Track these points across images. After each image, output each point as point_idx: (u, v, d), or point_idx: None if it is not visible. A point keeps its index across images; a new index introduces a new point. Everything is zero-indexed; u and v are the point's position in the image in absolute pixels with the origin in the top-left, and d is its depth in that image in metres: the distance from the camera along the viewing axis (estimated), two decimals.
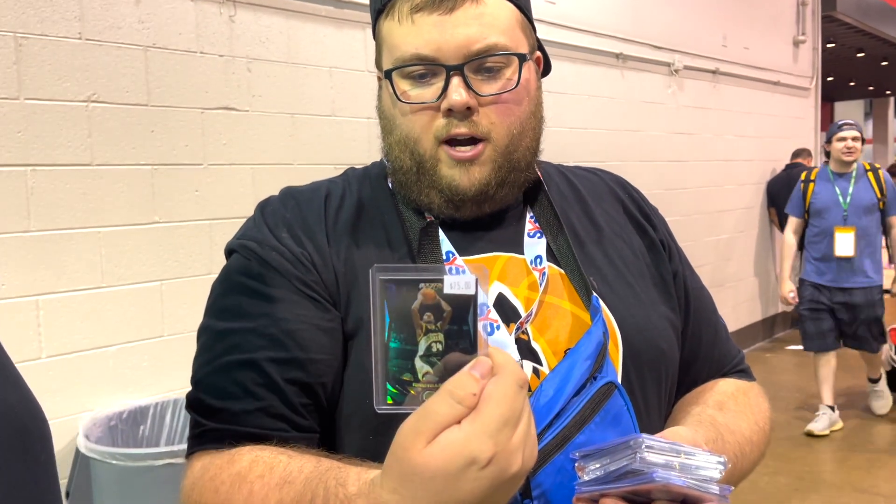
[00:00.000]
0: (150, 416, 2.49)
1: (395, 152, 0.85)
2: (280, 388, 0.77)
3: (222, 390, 0.78)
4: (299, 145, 2.99)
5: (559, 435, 0.73)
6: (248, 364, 0.78)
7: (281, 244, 0.83)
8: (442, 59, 0.80)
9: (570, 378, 0.76)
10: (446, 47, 0.79)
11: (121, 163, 2.48)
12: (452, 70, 0.80)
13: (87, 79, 2.39)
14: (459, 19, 0.79)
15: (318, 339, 0.80)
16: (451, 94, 0.79)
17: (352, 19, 3.16)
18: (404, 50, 0.81)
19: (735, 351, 1.02)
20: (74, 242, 2.38)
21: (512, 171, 0.84)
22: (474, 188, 0.83)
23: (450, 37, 0.79)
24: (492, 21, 0.81)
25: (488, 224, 0.88)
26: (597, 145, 4.59)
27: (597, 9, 4.58)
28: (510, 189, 0.86)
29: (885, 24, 9.13)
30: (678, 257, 0.98)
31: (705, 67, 5.59)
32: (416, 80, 0.82)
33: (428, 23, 0.79)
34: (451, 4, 0.79)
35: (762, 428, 0.91)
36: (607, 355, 0.80)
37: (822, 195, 4.31)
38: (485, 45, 0.80)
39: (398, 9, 0.82)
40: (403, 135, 0.84)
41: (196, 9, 2.67)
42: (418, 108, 0.82)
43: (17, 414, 0.51)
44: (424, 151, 0.83)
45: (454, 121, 0.81)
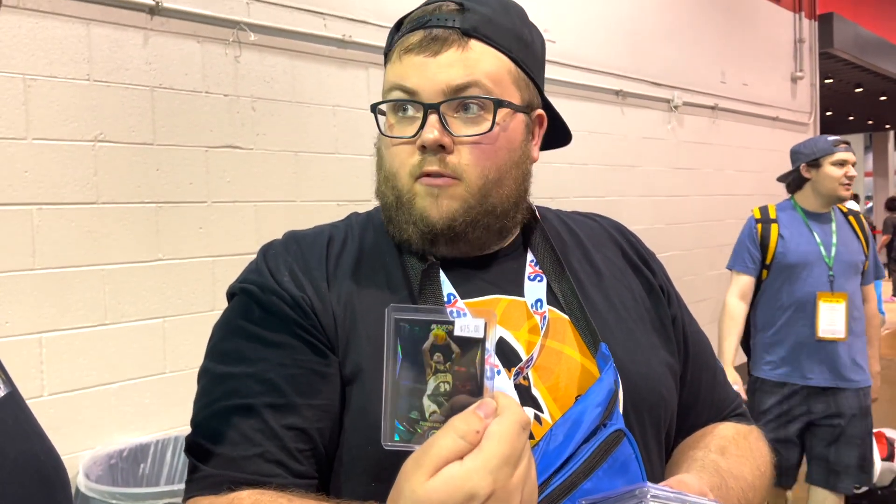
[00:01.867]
0: (150, 455, 2.48)
1: (382, 187, 0.88)
2: (277, 434, 0.78)
3: (220, 435, 0.79)
4: (302, 183, 3.02)
5: (567, 481, 0.73)
6: (246, 409, 0.79)
7: (281, 288, 0.84)
8: (421, 96, 0.83)
9: (581, 424, 0.76)
10: (427, 85, 0.82)
11: (126, 201, 2.50)
12: (430, 107, 0.82)
13: (94, 119, 2.43)
14: (443, 61, 0.83)
15: (316, 385, 0.80)
16: (426, 131, 0.82)
17: (355, 59, 3.21)
18: (389, 84, 0.86)
19: (733, 395, 1.02)
20: (78, 280, 2.39)
21: (486, 214, 0.85)
22: (442, 221, 0.83)
23: (432, 75, 0.82)
24: (475, 64, 0.83)
25: (489, 266, 0.89)
26: (597, 181, 4.62)
27: (597, 47, 4.64)
28: (485, 232, 0.86)
29: (882, 59, 9.24)
30: (676, 302, 0.99)
31: (705, 104, 5.64)
32: (401, 117, 0.85)
33: (414, 62, 0.83)
34: (438, 48, 0.83)
35: (763, 472, 0.91)
36: (618, 403, 0.80)
37: (794, 243, 2.80)
38: (463, 82, 0.82)
39: (395, 52, 0.87)
40: (387, 169, 0.87)
41: (202, 50, 2.72)
42: (398, 143, 0.85)
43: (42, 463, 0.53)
44: (402, 186, 0.85)
45: (428, 157, 0.83)
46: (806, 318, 2.75)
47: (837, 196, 2.81)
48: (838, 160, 2.79)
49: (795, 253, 2.79)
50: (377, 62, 3.26)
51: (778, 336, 2.82)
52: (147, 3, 2.54)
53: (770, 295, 2.85)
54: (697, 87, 5.55)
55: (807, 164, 2.84)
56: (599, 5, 4.72)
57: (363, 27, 3.22)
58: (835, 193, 2.80)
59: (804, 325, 2.75)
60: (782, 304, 2.80)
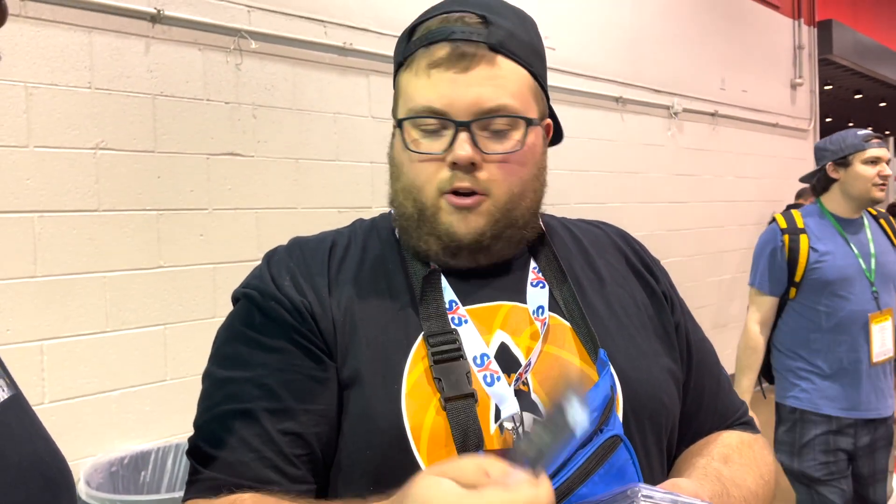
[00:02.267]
0: (151, 462, 2.47)
1: (400, 198, 0.88)
2: (274, 439, 0.79)
3: (219, 439, 0.80)
4: (303, 190, 3.02)
5: (563, 486, 0.73)
6: (244, 414, 0.80)
7: (281, 293, 0.85)
8: (452, 115, 0.83)
9: None
10: (458, 103, 0.82)
11: (127, 208, 2.51)
12: (461, 126, 0.82)
13: (95, 126, 2.44)
14: (473, 79, 0.82)
15: (313, 390, 0.81)
16: (457, 148, 0.82)
17: (355, 66, 3.22)
18: (417, 101, 0.84)
19: (738, 403, 1.01)
20: (80, 287, 2.39)
21: (509, 226, 0.86)
22: (470, 236, 0.84)
23: (462, 94, 0.82)
24: (504, 83, 0.83)
25: (492, 273, 0.89)
26: (597, 187, 4.63)
27: (597, 54, 4.66)
28: (506, 244, 0.88)
29: (882, 66, 9.26)
30: (680, 309, 0.98)
31: (704, 110, 5.65)
32: (427, 132, 0.85)
33: (443, 78, 0.83)
34: (467, 64, 0.82)
35: (767, 482, 0.90)
36: (614, 408, 0.80)
37: (830, 257, 2.41)
38: (495, 105, 0.83)
39: (417, 62, 0.85)
40: (409, 182, 0.86)
41: (203, 57, 2.73)
42: (426, 159, 0.85)
43: (47, 465, 0.54)
44: (426, 200, 0.85)
45: (458, 174, 0.83)
46: (850, 342, 2.39)
47: (871, 198, 2.44)
48: (870, 157, 2.43)
49: (833, 268, 2.39)
50: (378, 70, 3.26)
51: (815, 362, 2.44)
52: (148, 11, 2.55)
53: (803, 316, 2.46)
54: (697, 93, 5.57)
55: (834, 162, 2.47)
56: (599, 13, 4.74)
57: (364, 35, 3.23)
58: (867, 195, 2.43)
59: (848, 348, 2.39)
60: (820, 327, 2.42)
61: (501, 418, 0.79)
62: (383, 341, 0.83)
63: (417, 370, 0.81)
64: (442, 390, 0.78)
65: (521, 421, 0.80)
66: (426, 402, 0.79)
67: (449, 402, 0.78)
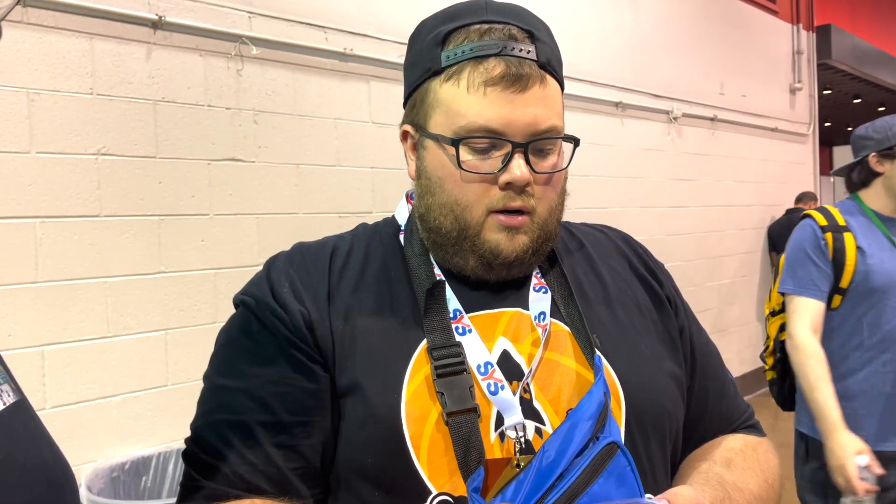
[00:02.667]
0: (152, 467, 2.47)
1: (435, 213, 0.86)
2: (267, 452, 0.80)
3: (213, 448, 0.81)
4: (304, 195, 3.03)
5: (562, 497, 0.73)
6: (239, 426, 0.81)
7: (278, 302, 0.85)
8: (510, 135, 0.82)
9: (573, 438, 0.76)
10: (515, 124, 0.82)
11: (128, 214, 2.51)
12: (517, 147, 0.82)
13: (97, 132, 2.44)
14: (529, 99, 0.82)
15: (305, 403, 0.81)
16: (514, 169, 0.82)
17: (356, 72, 3.23)
18: (472, 120, 0.82)
19: (744, 406, 1.01)
20: (81, 293, 2.39)
21: (546, 241, 0.87)
22: (515, 254, 0.85)
23: (520, 115, 0.81)
24: (552, 103, 0.84)
25: (497, 282, 0.89)
26: (598, 192, 4.63)
27: (596, 59, 4.67)
28: (540, 257, 0.89)
29: (880, 70, 9.28)
30: (684, 313, 0.98)
31: (704, 115, 5.67)
32: (478, 151, 0.83)
33: (501, 98, 0.81)
34: (525, 84, 0.81)
35: (771, 485, 0.90)
36: (610, 415, 0.80)
37: (877, 259, 2.08)
38: (548, 126, 0.83)
39: (468, 78, 0.82)
40: (452, 199, 0.85)
41: (204, 63, 2.73)
42: (475, 179, 0.83)
43: (51, 468, 0.55)
44: (472, 218, 0.84)
45: (511, 194, 0.83)
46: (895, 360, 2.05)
47: None
48: None
49: (880, 273, 2.05)
50: (378, 75, 3.27)
51: (853, 384, 2.09)
52: (150, 17, 2.56)
53: (841, 330, 2.11)
54: (696, 98, 5.58)
55: (878, 153, 2.12)
56: (599, 18, 4.75)
57: (364, 40, 3.24)
58: None
59: (893, 368, 2.05)
60: (862, 343, 2.08)
61: (504, 426, 0.79)
62: (384, 349, 0.83)
63: (418, 378, 0.81)
64: (445, 405, 0.78)
65: (523, 430, 0.80)
66: (426, 410, 0.79)
67: (451, 417, 0.78)
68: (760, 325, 6.48)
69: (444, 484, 0.77)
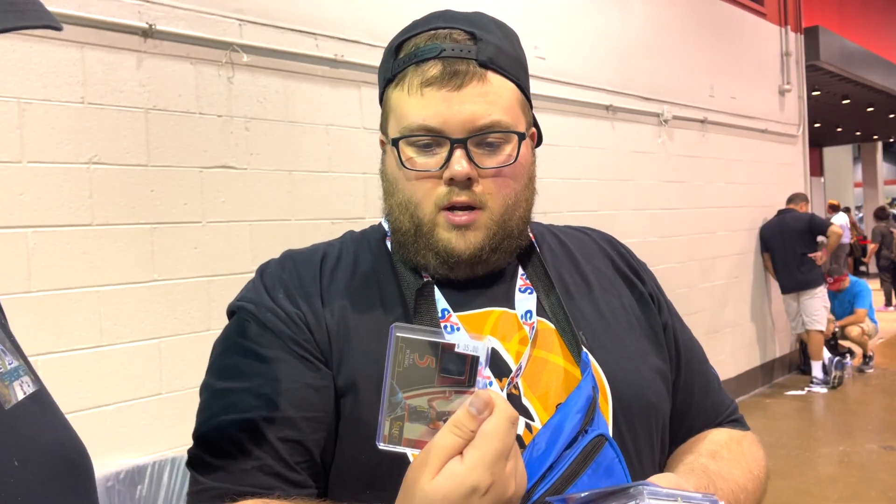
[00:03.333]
0: (147, 477, 2.47)
1: (396, 213, 0.89)
2: (274, 446, 0.81)
3: (220, 449, 0.82)
4: (296, 201, 3.04)
5: (551, 488, 0.75)
6: (244, 423, 0.82)
7: (276, 305, 0.87)
8: (447, 132, 0.84)
9: (562, 431, 0.78)
10: (452, 121, 0.84)
11: (121, 222, 2.51)
12: (456, 143, 0.84)
13: (88, 141, 2.44)
14: (466, 96, 0.84)
15: (310, 398, 0.83)
16: (454, 164, 0.84)
17: (347, 78, 3.24)
18: (412, 120, 0.85)
19: (728, 401, 1.04)
20: (74, 302, 2.39)
21: (505, 237, 0.88)
22: (469, 251, 0.86)
23: (456, 111, 0.84)
24: (495, 99, 0.85)
25: (482, 282, 0.91)
26: (589, 195, 4.65)
27: (586, 63, 4.69)
28: (502, 254, 0.90)
29: (868, 71, 9.35)
30: (667, 310, 1.01)
31: (694, 117, 5.70)
32: (421, 149, 0.86)
33: (437, 97, 0.84)
34: (460, 82, 0.84)
35: (757, 476, 0.92)
36: (598, 408, 0.82)
37: None
38: (488, 121, 0.84)
39: (409, 81, 0.86)
40: (405, 198, 0.88)
41: (195, 71, 2.74)
42: (422, 176, 0.86)
43: (68, 450, 0.60)
44: (424, 215, 0.87)
45: (455, 189, 0.85)
46: None
47: None
48: None
49: None
50: (369, 81, 3.28)
51: None
52: (140, 26, 2.56)
53: None
54: (686, 101, 5.61)
55: None
56: (588, 22, 4.78)
57: (355, 47, 3.25)
58: None
59: None
60: None
61: None
62: (376, 349, 0.84)
63: None
64: None
65: None
66: None
67: None
68: (754, 326, 6.51)
69: None
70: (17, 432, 0.56)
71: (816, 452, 4.53)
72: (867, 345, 7.12)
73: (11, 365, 0.60)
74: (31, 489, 0.55)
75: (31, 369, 0.63)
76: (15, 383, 0.59)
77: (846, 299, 7.18)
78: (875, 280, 11.94)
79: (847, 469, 4.40)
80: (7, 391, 0.58)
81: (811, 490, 4.13)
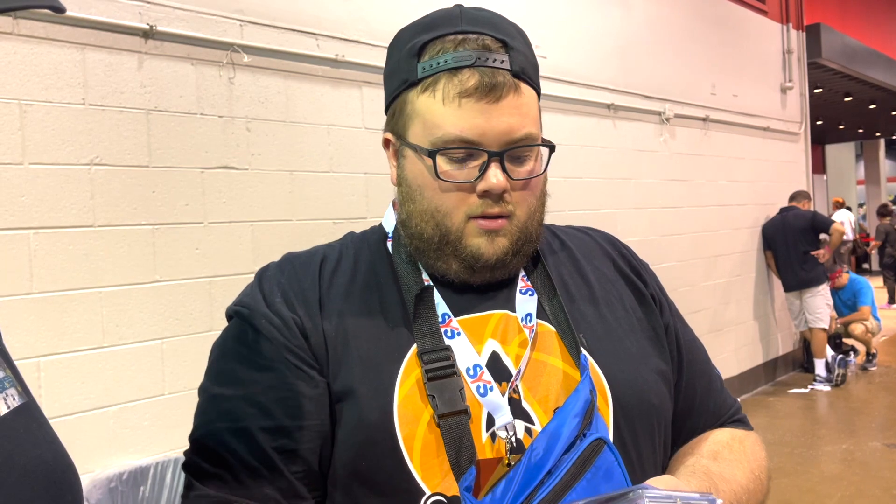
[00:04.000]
0: (150, 477, 2.47)
1: (416, 220, 0.88)
2: (269, 456, 0.80)
3: (214, 456, 0.82)
4: (298, 202, 3.03)
5: (550, 493, 0.74)
6: (239, 432, 0.81)
7: (272, 311, 0.86)
8: (485, 145, 0.83)
9: (560, 436, 0.78)
10: (490, 134, 0.83)
11: (122, 223, 2.51)
12: (493, 156, 0.84)
13: (89, 143, 2.44)
14: (503, 109, 0.83)
15: (305, 407, 0.82)
16: (490, 178, 0.83)
17: (348, 78, 3.24)
18: (447, 130, 0.83)
19: (731, 401, 1.03)
20: (76, 303, 2.39)
21: (526, 242, 0.89)
22: (496, 257, 0.86)
23: (494, 125, 0.83)
24: (527, 111, 0.85)
25: (483, 285, 0.90)
26: (591, 194, 4.65)
27: (588, 61, 4.69)
28: (521, 258, 0.90)
29: (870, 68, 9.33)
30: (669, 310, 1.00)
31: (696, 115, 5.69)
32: (453, 160, 0.85)
33: (475, 109, 0.83)
34: (499, 94, 0.83)
35: (758, 477, 0.92)
36: (596, 412, 0.82)
37: None
38: (522, 134, 0.84)
39: (443, 89, 0.84)
40: (432, 207, 0.86)
41: (196, 72, 2.74)
42: (453, 187, 0.85)
43: (51, 468, 0.57)
44: (452, 225, 0.86)
45: (489, 201, 0.85)
46: None
47: None
48: None
49: None
50: (370, 81, 3.28)
51: None
52: (141, 27, 2.56)
53: None
54: (688, 99, 5.60)
55: None
56: (589, 21, 4.77)
57: (356, 47, 3.25)
58: None
59: None
60: None
61: (494, 427, 0.81)
62: (375, 354, 0.84)
63: (409, 381, 0.82)
64: (436, 407, 0.80)
65: (513, 430, 0.81)
66: (418, 412, 0.81)
67: (443, 419, 0.79)
68: (757, 324, 6.50)
69: (437, 484, 0.79)
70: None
71: (820, 450, 4.52)
72: (871, 342, 7.11)
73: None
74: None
75: (20, 381, 0.61)
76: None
77: (847, 297, 7.17)
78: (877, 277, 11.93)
79: (850, 467, 4.39)
80: None
81: (815, 488, 4.13)
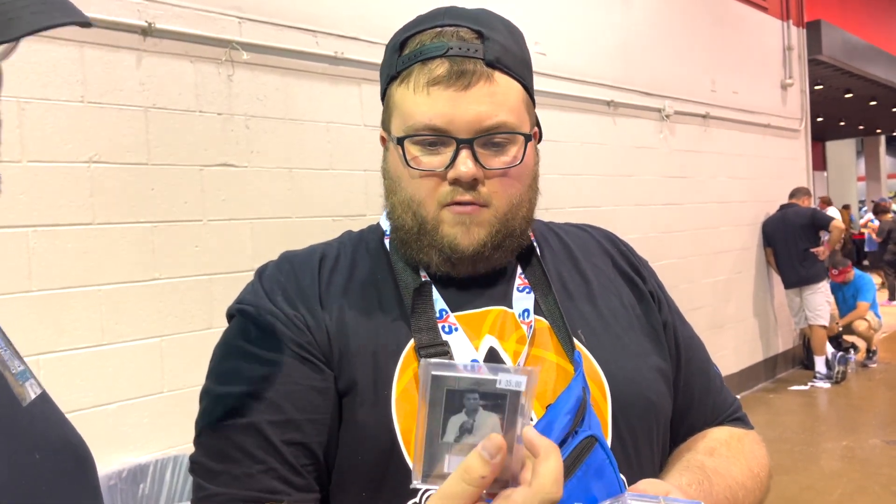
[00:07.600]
0: (149, 475, 2.47)
1: (398, 211, 0.89)
2: (279, 449, 0.80)
3: (223, 454, 0.81)
4: (297, 199, 3.03)
5: None
6: (248, 427, 0.80)
7: (276, 308, 0.86)
8: (453, 132, 0.83)
9: (551, 432, 0.77)
10: (458, 121, 0.83)
11: (121, 221, 2.51)
12: (462, 143, 0.83)
13: (88, 140, 2.44)
14: (473, 96, 0.83)
15: (314, 400, 0.82)
16: (459, 165, 0.83)
17: (347, 75, 3.23)
18: (417, 119, 0.84)
19: (731, 399, 1.03)
20: (75, 301, 2.39)
21: (508, 236, 0.88)
22: (472, 247, 0.86)
23: (462, 111, 0.83)
24: (502, 100, 0.84)
25: (480, 280, 0.90)
26: (591, 191, 4.64)
27: (587, 58, 4.68)
28: (504, 253, 0.89)
29: (870, 65, 9.32)
30: (668, 308, 1.00)
31: (695, 112, 5.68)
32: (426, 148, 0.85)
33: (443, 96, 0.83)
34: (467, 81, 0.83)
35: (757, 474, 0.92)
36: (588, 409, 0.81)
37: None
38: (494, 122, 0.84)
39: (414, 79, 0.85)
40: (408, 196, 0.87)
41: (195, 69, 2.73)
42: (426, 175, 0.85)
43: (75, 447, 0.63)
44: (427, 213, 0.86)
45: (459, 189, 0.84)
46: None
47: None
48: None
49: None
50: (369, 78, 3.28)
51: None
52: (139, 24, 2.55)
53: None
54: (688, 95, 5.59)
55: None
56: (589, 17, 4.77)
57: (354, 44, 3.24)
58: None
59: None
60: None
61: None
62: (374, 349, 0.84)
63: (406, 376, 0.83)
64: None
65: None
66: (416, 406, 0.80)
67: None
68: (757, 321, 6.50)
69: None
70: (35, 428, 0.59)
71: (820, 447, 4.52)
72: (872, 339, 7.10)
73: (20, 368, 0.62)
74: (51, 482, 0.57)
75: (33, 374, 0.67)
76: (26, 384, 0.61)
77: (849, 293, 7.16)
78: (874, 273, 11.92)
79: (850, 464, 4.39)
80: (23, 390, 0.60)
81: (815, 485, 4.13)
